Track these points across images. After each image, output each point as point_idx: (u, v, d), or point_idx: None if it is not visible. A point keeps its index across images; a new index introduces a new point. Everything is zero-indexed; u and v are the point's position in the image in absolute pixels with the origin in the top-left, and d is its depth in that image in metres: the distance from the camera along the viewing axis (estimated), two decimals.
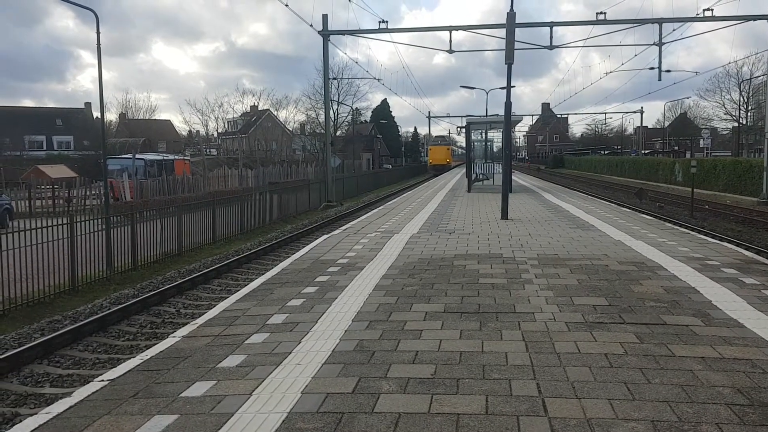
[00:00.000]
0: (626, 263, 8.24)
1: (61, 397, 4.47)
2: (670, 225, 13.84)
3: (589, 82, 78.83)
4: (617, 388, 3.96)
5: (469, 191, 24.60)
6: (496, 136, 27.57)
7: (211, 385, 4.16)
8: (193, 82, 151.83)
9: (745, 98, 66.10)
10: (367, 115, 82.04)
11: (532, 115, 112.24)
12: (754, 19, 28.56)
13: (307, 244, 11.39)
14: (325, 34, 30.87)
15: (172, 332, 6.38)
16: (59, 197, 30.00)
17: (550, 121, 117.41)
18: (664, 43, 29.09)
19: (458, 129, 77.36)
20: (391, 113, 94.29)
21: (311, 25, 28.76)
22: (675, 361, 4.45)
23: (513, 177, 29.08)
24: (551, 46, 29.54)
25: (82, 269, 12.53)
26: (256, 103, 75.01)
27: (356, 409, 3.69)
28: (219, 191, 30.55)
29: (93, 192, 31.00)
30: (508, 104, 14.91)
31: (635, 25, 29.14)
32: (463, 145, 70.77)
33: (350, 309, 6.04)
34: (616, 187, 44.96)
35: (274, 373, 4.34)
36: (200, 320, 5.90)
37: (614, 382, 4.06)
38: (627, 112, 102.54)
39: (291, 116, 79.50)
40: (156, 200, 25.29)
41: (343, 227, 13.24)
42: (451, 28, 29.86)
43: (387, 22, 29.78)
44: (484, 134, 27.91)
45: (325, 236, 11.90)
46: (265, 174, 37.14)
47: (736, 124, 68.63)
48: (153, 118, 79.42)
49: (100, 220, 13.86)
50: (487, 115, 44.10)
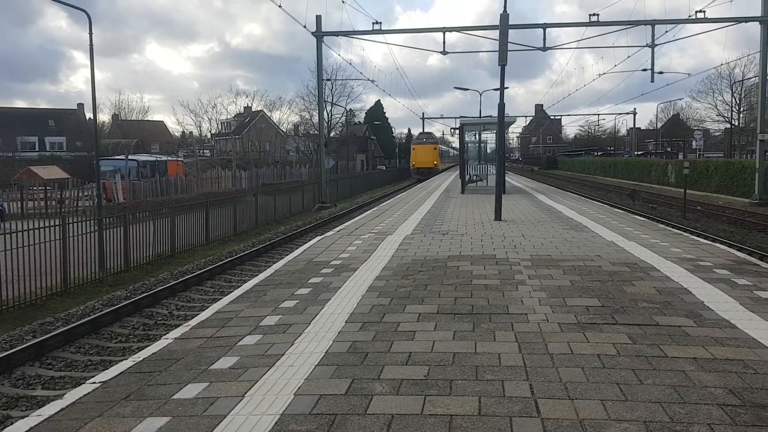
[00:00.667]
0: (619, 264, 8.27)
1: (53, 400, 4.45)
2: (662, 226, 13.89)
3: (583, 84, 79.17)
4: (610, 389, 3.97)
5: (462, 192, 24.63)
6: (490, 138, 27.59)
7: (203, 386, 4.15)
8: (187, 83, 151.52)
9: (737, 100, 66.53)
10: (360, 117, 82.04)
11: (526, 117, 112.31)
12: (746, 21, 28.77)
13: (301, 246, 11.38)
14: (319, 35, 30.87)
15: (165, 334, 6.37)
16: (51, 198, 29.88)
17: (544, 123, 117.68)
18: (657, 45, 29.28)
19: (452, 130, 77.48)
20: (385, 114, 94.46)
21: (305, 26, 28.81)
22: (667, 362, 4.46)
23: (506, 178, 29.12)
24: (544, 48, 29.67)
25: (74, 271, 12.48)
26: (250, 104, 74.95)
27: (349, 411, 3.68)
28: (212, 192, 30.45)
29: (85, 193, 30.92)
30: (502, 106, 14.94)
31: (628, 26, 29.29)
32: (456, 146, 71.22)
33: (343, 310, 6.04)
34: (609, 188, 45.10)
35: (267, 375, 4.33)
36: (193, 322, 5.88)
37: (607, 383, 4.07)
38: (620, 114, 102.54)
39: (285, 117, 79.27)
40: (149, 201, 25.22)
41: (337, 228, 13.23)
42: (444, 30, 29.94)
43: (381, 23, 29.90)
44: (477, 136, 27.95)
45: (318, 237, 11.88)
46: (258, 175, 37.08)
47: (729, 126, 69.03)
48: (146, 119, 79.12)
49: (92, 222, 13.82)
50: (480, 117, 44.15)
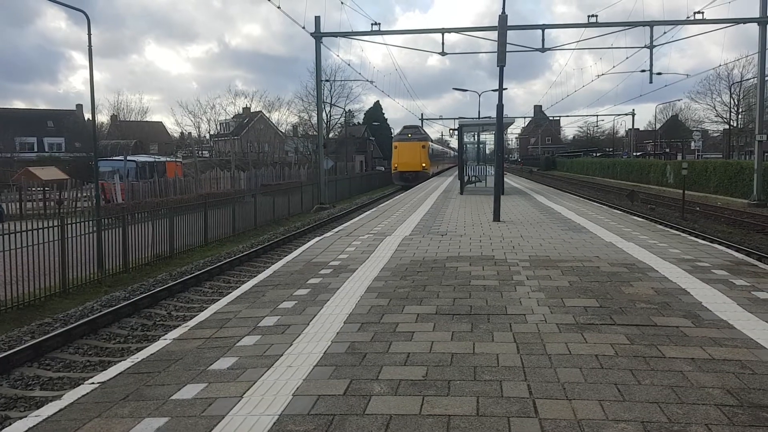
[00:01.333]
0: (617, 265, 8.28)
1: (52, 400, 4.45)
2: (661, 227, 13.90)
3: (582, 85, 79.15)
4: (607, 389, 3.97)
5: (461, 193, 24.64)
6: (489, 138, 27.64)
7: (202, 387, 4.15)
8: (186, 84, 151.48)
9: (736, 101, 66.55)
10: (359, 117, 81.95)
11: (524, 118, 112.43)
12: (744, 22, 28.80)
13: (300, 246, 11.38)
14: (318, 36, 30.89)
15: (164, 335, 6.37)
16: (50, 199, 29.87)
17: (543, 124, 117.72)
18: (656, 46, 29.30)
19: (450, 131, 77.51)
20: (384, 115, 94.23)
21: (303, 27, 28.82)
22: (665, 362, 4.47)
23: (505, 179, 29.13)
24: (543, 49, 29.69)
25: (73, 271, 12.48)
26: (249, 105, 74.87)
27: (348, 411, 3.69)
28: (211, 193, 30.46)
29: (84, 194, 30.92)
30: (500, 107, 14.95)
31: (627, 27, 29.33)
32: (453, 145, 71.08)
33: (342, 311, 6.04)
34: (608, 189, 45.14)
35: (266, 376, 4.34)
36: (192, 322, 5.88)
37: (604, 383, 4.08)
38: (619, 115, 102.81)
39: (283, 118, 79.07)
40: (147, 202, 25.21)
41: (336, 229, 13.23)
42: (443, 31, 29.96)
43: (379, 24, 29.93)
44: (476, 137, 27.98)
45: (317, 238, 11.89)
46: (257, 176, 37.10)
47: (727, 127, 69.08)
48: (145, 120, 78.99)
49: (91, 222, 13.82)
50: (479, 118, 44.21)
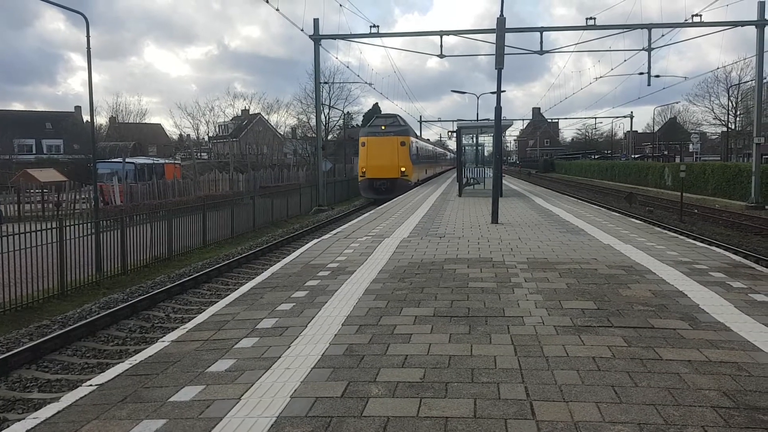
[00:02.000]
0: (615, 267, 8.29)
1: (49, 402, 4.45)
2: (659, 229, 13.92)
3: (580, 87, 79.21)
4: (605, 392, 3.98)
5: (460, 195, 24.66)
6: (487, 141, 27.64)
7: (200, 389, 4.16)
8: (185, 86, 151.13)
9: (734, 103, 66.72)
10: (358, 120, 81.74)
11: (523, 120, 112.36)
12: (741, 25, 28.87)
13: (298, 249, 11.38)
14: (317, 38, 30.91)
15: (162, 337, 6.37)
16: (48, 201, 29.84)
17: (541, 126, 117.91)
18: (654, 49, 29.38)
19: (449, 133, 77.54)
20: None
21: (302, 30, 28.83)
22: (662, 365, 4.48)
23: (504, 181, 29.18)
24: (541, 51, 29.73)
25: (72, 273, 12.48)
26: (248, 107, 74.90)
27: (345, 413, 3.69)
28: (209, 195, 30.46)
29: (83, 196, 30.87)
30: (498, 109, 14.97)
31: (625, 30, 29.38)
32: (451, 146, 70.93)
33: (340, 313, 6.05)
34: (606, 191, 45.18)
35: (263, 378, 4.34)
36: (190, 325, 5.89)
37: (602, 386, 4.09)
38: (617, 117, 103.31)
39: (282, 120, 79.16)
40: (146, 204, 25.21)
41: (334, 231, 13.24)
42: (441, 33, 30.02)
43: (378, 26, 29.94)
44: (474, 139, 27.99)
45: (315, 240, 11.89)
46: (256, 178, 37.08)
47: (725, 129, 69.20)
48: (143, 122, 78.99)
49: (89, 225, 13.82)
50: (478, 120, 44.26)
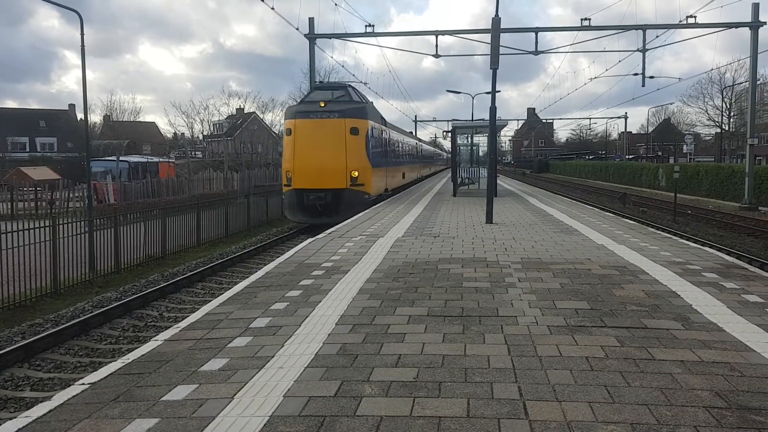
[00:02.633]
0: (608, 267, 8.31)
1: (42, 401, 4.43)
2: (652, 230, 13.95)
3: (575, 88, 79.59)
4: (597, 392, 3.99)
5: (454, 195, 24.67)
6: (482, 140, 27.66)
7: (192, 388, 4.15)
8: (180, 84, 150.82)
9: (728, 104, 67.08)
10: None
11: (518, 120, 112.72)
12: (736, 27, 28.95)
13: (292, 248, 11.37)
14: (312, 37, 30.83)
15: (155, 336, 6.36)
16: (42, 199, 29.73)
17: (536, 126, 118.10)
18: (648, 50, 29.41)
19: (444, 133, 77.68)
20: None
21: (297, 29, 28.69)
22: (655, 365, 4.49)
23: (498, 181, 29.23)
24: (536, 52, 29.74)
25: (65, 272, 12.43)
26: (243, 106, 74.75)
27: (338, 413, 3.69)
28: (204, 194, 30.41)
29: (76, 194, 30.78)
30: (493, 109, 14.99)
31: (619, 31, 29.41)
32: (446, 145, 71.09)
33: (334, 312, 6.04)
34: (601, 191, 45.29)
35: (257, 377, 4.34)
36: (183, 324, 5.87)
37: (594, 386, 4.10)
38: (611, 118, 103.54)
39: (277, 119, 78.83)
40: (140, 203, 25.14)
41: (328, 231, 13.23)
42: (437, 33, 29.96)
43: (373, 26, 29.83)
44: (469, 139, 28.00)
45: (310, 240, 11.88)
46: (250, 177, 37.01)
47: (719, 130, 69.50)
48: (138, 120, 78.72)
49: (82, 223, 13.77)
50: (473, 119, 44.28)
